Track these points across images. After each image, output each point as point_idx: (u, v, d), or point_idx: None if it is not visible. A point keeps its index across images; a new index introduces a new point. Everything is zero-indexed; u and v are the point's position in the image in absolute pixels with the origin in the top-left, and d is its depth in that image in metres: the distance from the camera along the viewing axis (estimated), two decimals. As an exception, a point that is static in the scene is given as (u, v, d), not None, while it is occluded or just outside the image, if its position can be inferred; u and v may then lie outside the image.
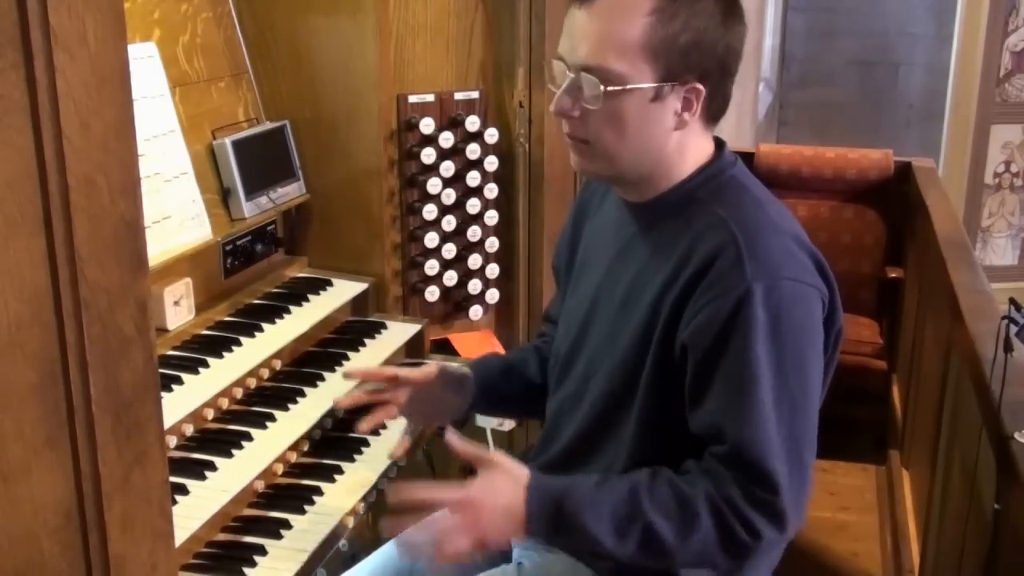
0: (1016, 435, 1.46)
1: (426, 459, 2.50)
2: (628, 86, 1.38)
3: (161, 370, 1.62)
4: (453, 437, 1.44)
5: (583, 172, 1.54)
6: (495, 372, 1.76)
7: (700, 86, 1.40)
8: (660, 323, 1.42)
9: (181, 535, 1.52)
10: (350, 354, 2.14)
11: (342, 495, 1.80)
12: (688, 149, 1.47)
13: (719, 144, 1.52)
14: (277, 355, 2.03)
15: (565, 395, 1.60)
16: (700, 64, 1.39)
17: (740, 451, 1.35)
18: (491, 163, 2.45)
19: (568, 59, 1.42)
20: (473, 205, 2.47)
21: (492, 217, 2.50)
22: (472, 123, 2.41)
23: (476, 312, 2.53)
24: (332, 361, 2.11)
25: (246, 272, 2.21)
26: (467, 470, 1.65)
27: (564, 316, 1.66)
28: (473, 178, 2.44)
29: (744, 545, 1.36)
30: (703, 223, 1.41)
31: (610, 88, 1.38)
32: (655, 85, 1.39)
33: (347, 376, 1.77)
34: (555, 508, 1.38)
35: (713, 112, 1.46)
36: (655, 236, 1.48)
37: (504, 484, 1.40)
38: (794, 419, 1.36)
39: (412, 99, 2.34)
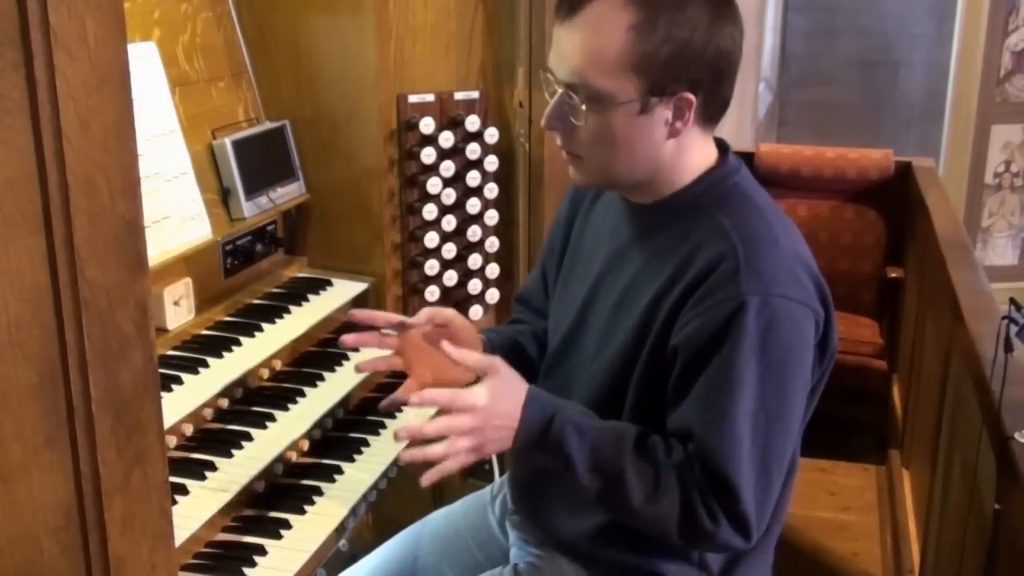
0: (1016, 435, 1.46)
1: (426, 459, 2.49)
2: (612, 103, 1.37)
3: (161, 370, 1.62)
4: (450, 347, 1.44)
5: (581, 186, 1.52)
6: (507, 342, 1.71)
7: (690, 95, 1.38)
8: (654, 328, 1.42)
9: (181, 535, 1.53)
10: (350, 354, 2.14)
11: (342, 495, 1.80)
12: (687, 153, 1.45)
13: (723, 147, 1.50)
14: (277, 355, 2.03)
15: (552, 390, 1.60)
16: (687, 74, 1.37)
17: (704, 456, 1.36)
18: (491, 163, 2.45)
19: (556, 74, 1.41)
20: (473, 205, 2.47)
21: (492, 217, 2.50)
22: (472, 123, 2.41)
23: (476, 312, 2.53)
24: (332, 361, 2.11)
25: (246, 272, 2.21)
26: (469, 469, 1.64)
27: (554, 313, 1.66)
28: (473, 178, 2.44)
29: (703, 530, 1.37)
30: (705, 231, 1.41)
31: (594, 106, 1.37)
32: (640, 99, 1.37)
33: (353, 317, 1.60)
34: (546, 423, 1.41)
35: (710, 115, 1.44)
36: (654, 240, 1.47)
37: (507, 392, 1.42)
38: (769, 435, 1.36)
39: (412, 99, 2.34)
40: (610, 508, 1.46)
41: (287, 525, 1.70)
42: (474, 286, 2.51)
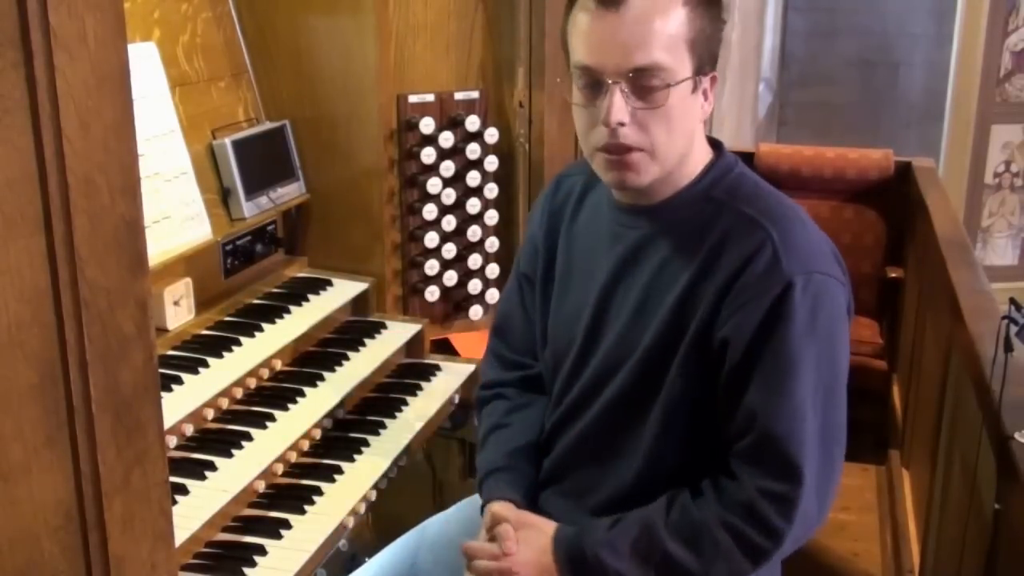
0: (1016, 435, 1.46)
1: (426, 459, 2.50)
2: (674, 81, 1.39)
3: (161, 370, 1.62)
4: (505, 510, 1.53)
5: (640, 186, 1.45)
6: (532, 478, 1.64)
7: (716, 75, 1.46)
8: (693, 323, 1.42)
9: (181, 535, 1.52)
10: (350, 354, 2.14)
11: (342, 495, 1.80)
12: (699, 145, 1.49)
13: (713, 143, 1.53)
14: (277, 355, 2.03)
15: (569, 403, 1.59)
16: (715, 54, 1.44)
17: (768, 444, 1.37)
18: (491, 163, 2.45)
19: (607, 67, 1.38)
20: (473, 205, 2.47)
21: (492, 217, 2.50)
22: (472, 123, 2.41)
23: (476, 312, 2.53)
24: (332, 361, 2.11)
25: (246, 272, 2.21)
26: (469, 470, 1.63)
27: (556, 326, 1.63)
28: (473, 178, 2.44)
29: (764, 549, 1.39)
30: (729, 222, 1.43)
31: (672, 83, 1.38)
32: (692, 77, 1.41)
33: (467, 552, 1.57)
34: (578, 552, 1.44)
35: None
36: (669, 238, 1.47)
37: (536, 541, 1.48)
38: (827, 411, 1.40)
39: (412, 99, 2.34)
40: None
41: (287, 525, 1.70)
42: (474, 286, 2.51)
